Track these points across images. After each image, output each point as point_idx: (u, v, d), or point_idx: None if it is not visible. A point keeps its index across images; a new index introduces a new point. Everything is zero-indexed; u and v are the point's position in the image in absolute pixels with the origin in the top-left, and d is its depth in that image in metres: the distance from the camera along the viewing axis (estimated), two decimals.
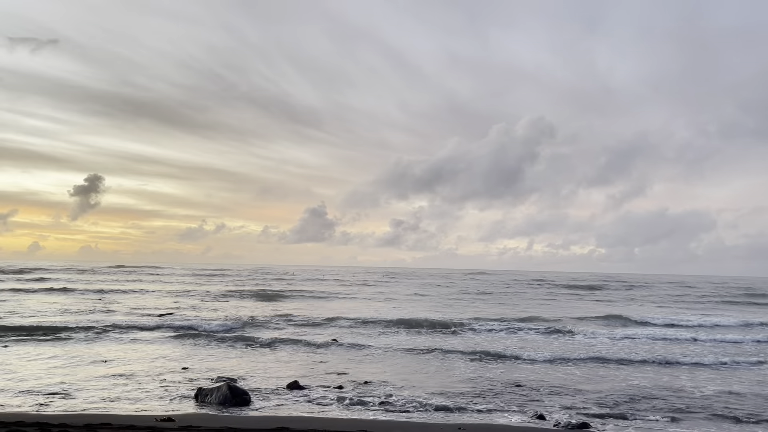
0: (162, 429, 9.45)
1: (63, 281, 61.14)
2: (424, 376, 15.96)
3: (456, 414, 12.05)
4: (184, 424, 10.02)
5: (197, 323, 26.19)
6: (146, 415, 10.93)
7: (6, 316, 28.30)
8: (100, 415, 10.82)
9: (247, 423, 10.47)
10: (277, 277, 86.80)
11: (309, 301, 42.67)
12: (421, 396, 13.43)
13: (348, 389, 14.01)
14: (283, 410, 12.00)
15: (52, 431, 9.10)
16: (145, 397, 12.75)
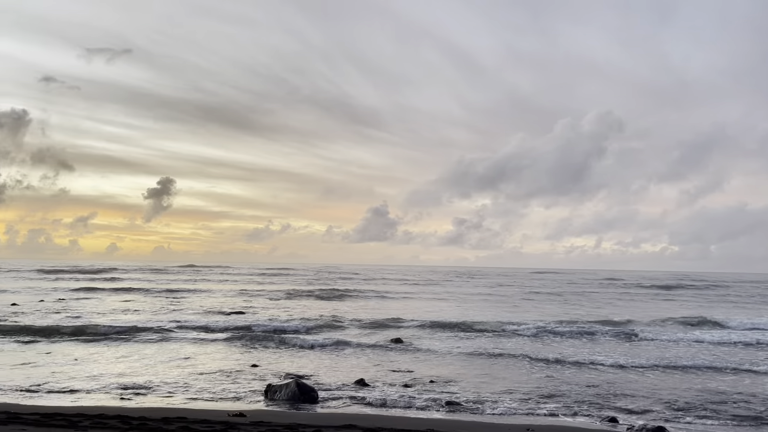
0: (234, 424, 9.72)
1: (137, 281, 63.92)
2: (490, 376, 15.77)
3: (523, 415, 11.84)
4: (255, 419, 10.27)
5: (266, 322, 26.81)
6: (219, 410, 11.28)
7: (84, 316, 29.79)
8: (176, 409, 11.25)
9: (315, 419, 10.63)
10: (342, 276, 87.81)
11: (373, 301, 42.94)
12: (487, 396, 13.28)
13: (413, 388, 14.01)
14: (350, 407, 12.13)
15: (132, 423, 9.51)
16: (217, 393, 13.16)
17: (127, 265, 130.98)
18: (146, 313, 31.12)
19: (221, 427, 9.42)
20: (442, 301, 44.40)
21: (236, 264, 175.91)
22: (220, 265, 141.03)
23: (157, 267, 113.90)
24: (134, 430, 9.09)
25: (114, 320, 26.98)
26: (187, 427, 9.39)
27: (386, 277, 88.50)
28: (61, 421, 9.57)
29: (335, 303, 40.54)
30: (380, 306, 38.65)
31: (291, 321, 27.24)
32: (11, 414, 9.97)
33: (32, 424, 9.30)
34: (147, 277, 71.88)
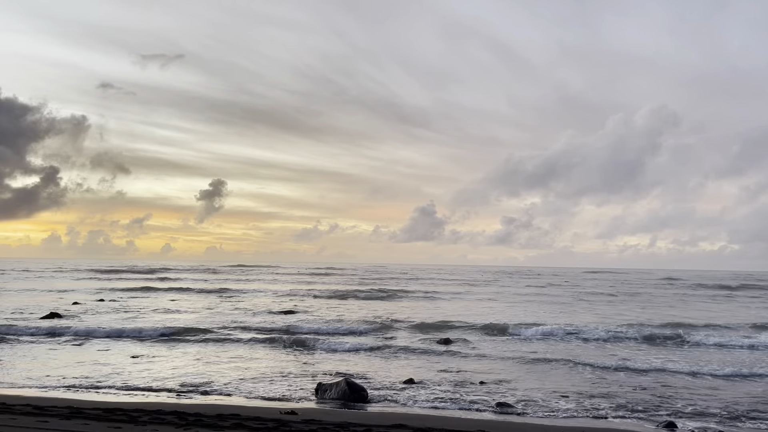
0: (286, 422, 9.85)
1: (190, 281, 65.58)
2: (540, 378, 15.52)
3: (576, 417, 11.61)
4: (306, 417, 10.38)
5: (316, 322, 27.13)
6: (271, 408, 11.46)
7: (139, 315, 30.71)
8: (230, 406, 11.49)
9: (365, 418, 10.68)
10: (390, 276, 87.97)
11: (421, 301, 42.83)
12: (539, 398, 13.07)
13: (463, 389, 13.91)
14: (400, 407, 12.14)
15: (188, 419, 9.76)
16: (269, 391, 13.38)
17: (180, 265, 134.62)
18: (198, 312, 31.91)
19: (273, 425, 9.56)
20: (491, 301, 43.94)
21: (285, 264, 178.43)
22: (270, 265, 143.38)
23: (209, 267, 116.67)
24: (190, 426, 9.32)
25: (168, 319, 27.77)
26: (241, 424, 9.57)
27: (434, 277, 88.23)
28: (121, 416, 9.90)
29: (383, 303, 40.64)
30: (429, 306, 38.54)
31: (340, 321, 27.45)
32: (74, 409, 10.38)
33: (94, 418, 9.65)
34: (199, 277, 73.70)
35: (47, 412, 10.04)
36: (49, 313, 28.34)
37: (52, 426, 8.86)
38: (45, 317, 27.34)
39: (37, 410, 10.21)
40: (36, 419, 9.40)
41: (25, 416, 9.66)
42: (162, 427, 9.23)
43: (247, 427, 9.43)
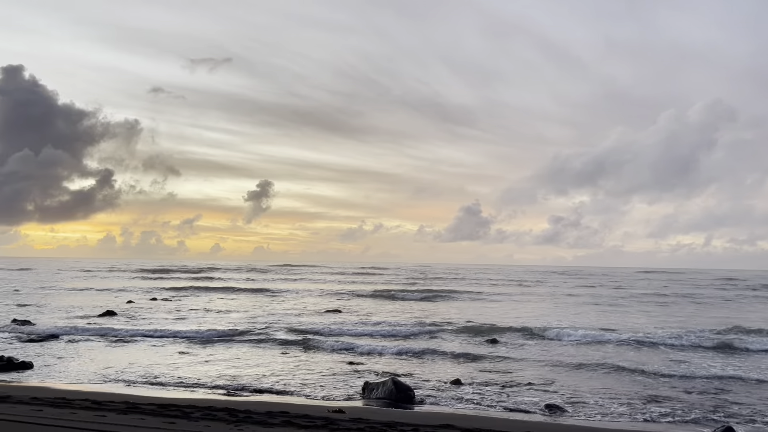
0: (334, 420, 9.93)
1: (240, 281, 66.81)
2: (593, 382, 15.21)
3: (628, 421, 11.33)
4: (353, 416, 10.45)
5: (361, 321, 27.27)
6: (319, 406, 11.59)
7: (189, 315, 31.43)
8: (279, 403, 11.67)
9: (412, 418, 10.67)
10: (435, 276, 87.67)
11: (467, 302, 42.52)
12: (589, 400, 12.82)
13: (511, 390, 13.76)
14: (447, 407, 12.09)
15: (239, 416, 9.95)
16: (317, 390, 13.53)
17: (228, 264, 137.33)
18: (246, 312, 32.49)
19: (322, 422, 9.65)
20: (539, 302, 43.31)
21: (331, 263, 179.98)
22: (315, 265, 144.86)
23: (256, 267, 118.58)
24: (240, 423, 9.50)
25: (216, 319, 28.40)
26: (290, 421, 9.70)
27: (480, 277, 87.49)
28: (174, 411, 10.17)
29: (429, 304, 40.54)
30: (475, 307, 38.25)
31: (386, 321, 27.52)
32: (130, 404, 10.72)
33: (150, 413, 9.94)
34: (246, 277, 75.03)
35: (105, 407, 10.39)
36: (105, 311, 29.41)
37: (110, 420, 9.16)
38: (101, 315, 28.39)
39: (95, 405, 10.58)
40: (95, 413, 9.74)
41: (85, 410, 10.02)
42: (214, 423, 9.43)
43: (296, 424, 9.55)
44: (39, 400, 10.88)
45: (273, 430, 9.11)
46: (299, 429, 9.27)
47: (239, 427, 9.15)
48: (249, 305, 36.41)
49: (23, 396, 11.29)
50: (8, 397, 11.05)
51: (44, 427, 8.41)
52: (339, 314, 31.10)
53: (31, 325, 23.88)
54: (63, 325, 24.20)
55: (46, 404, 10.46)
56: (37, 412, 9.57)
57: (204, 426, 9.14)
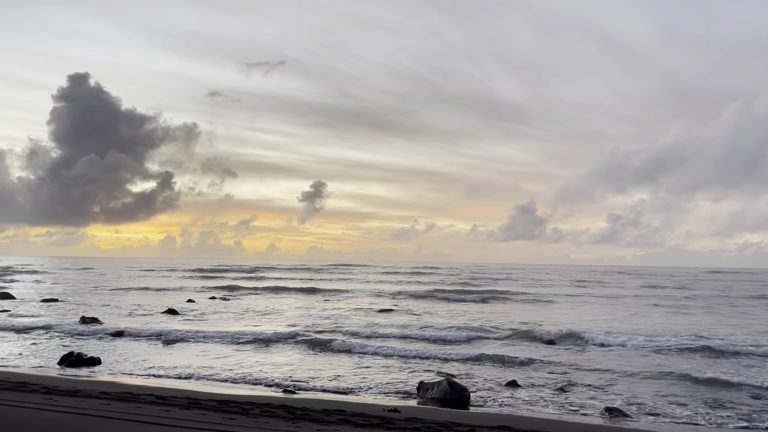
0: (390, 419, 9.96)
1: (296, 280, 67.81)
2: (654, 385, 14.74)
3: (692, 425, 10.92)
4: (409, 415, 10.45)
5: (413, 321, 27.24)
6: (374, 404, 11.64)
7: (246, 315, 32.10)
8: (335, 402, 11.80)
9: (468, 418, 10.59)
10: (489, 276, 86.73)
11: (524, 304, 41.87)
12: (650, 404, 12.43)
13: (569, 392, 13.49)
14: (503, 408, 11.94)
15: (296, 413, 10.10)
16: (372, 389, 13.60)
17: (283, 264, 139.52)
18: (300, 311, 32.96)
19: (377, 421, 9.69)
20: (598, 304, 42.22)
21: (383, 263, 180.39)
22: (368, 264, 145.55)
23: (310, 266, 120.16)
24: (298, 420, 9.65)
25: (272, 318, 28.92)
26: (346, 420, 9.79)
27: (535, 278, 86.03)
28: (234, 407, 10.41)
29: (483, 305, 40.13)
30: (531, 309, 37.65)
31: (439, 321, 27.42)
32: (192, 399, 11.03)
33: (210, 409, 10.21)
34: (301, 277, 76.12)
35: (168, 402, 10.73)
36: (167, 309, 30.47)
37: (173, 415, 9.45)
38: (163, 313, 29.45)
39: (159, 400, 10.94)
40: (159, 408, 10.07)
41: (150, 405, 10.38)
42: (272, 420, 9.61)
43: (352, 422, 9.62)
44: (107, 394, 11.33)
45: (329, 427, 9.20)
46: (355, 427, 9.34)
47: (297, 424, 9.29)
48: (303, 305, 36.93)
49: (92, 390, 11.78)
50: (78, 391, 11.56)
51: (113, 420, 8.74)
52: (392, 313, 31.18)
53: (98, 322, 24.90)
54: (128, 323, 25.19)
55: (114, 398, 10.89)
56: (106, 406, 9.96)
57: (263, 422, 9.32)
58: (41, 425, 8.02)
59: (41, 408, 9.47)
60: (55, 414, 8.96)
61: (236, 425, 8.89)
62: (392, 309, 33.61)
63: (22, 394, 11.10)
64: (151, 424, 8.61)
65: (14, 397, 10.63)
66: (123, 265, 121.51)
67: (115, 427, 8.20)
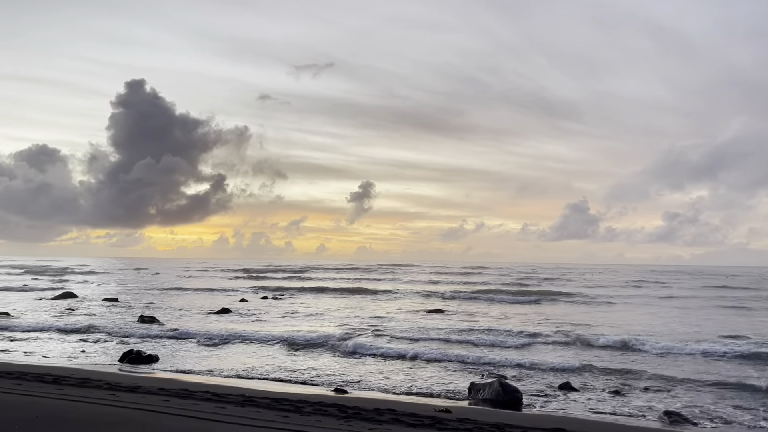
0: (441, 419, 9.94)
1: (342, 280, 68.30)
2: (715, 390, 14.20)
3: (757, 429, 10.50)
4: (460, 416, 10.40)
5: (464, 322, 27.06)
6: (426, 404, 11.63)
7: (295, 314, 32.49)
8: (386, 401, 11.84)
9: (521, 420, 10.46)
10: (541, 276, 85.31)
11: (578, 306, 40.99)
12: (710, 408, 12.01)
13: (625, 395, 13.16)
14: (556, 410, 11.74)
15: (348, 412, 10.20)
16: (423, 388, 13.59)
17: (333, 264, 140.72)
18: (351, 311, 33.19)
19: (429, 422, 9.68)
20: (657, 306, 40.95)
21: (432, 263, 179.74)
22: (416, 264, 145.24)
23: (359, 266, 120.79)
24: (350, 418, 9.73)
25: (324, 318, 29.23)
26: (397, 419, 9.81)
27: (589, 278, 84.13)
28: (287, 405, 10.58)
29: (536, 306, 39.52)
30: (585, 310, 36.85)
31: (490, 323, 27.16)
32: (246, 397, 11.27)
33: (264, 407, 10.41)
34: (350, 276, 76.62)
35: (223, 399, 11.00)
36: (221, 309, 31.25)
37: (229, 412, 9.68)
38: (218, 312, 30.23)
39: (215, 397, 11.22)
40: (215, 405, 10.33)
41: (206, 402, 10.66)
42: (324, 418, 9.72)
43: (404, 422, 9.64)
44: (165, 391, 11.69)
45: (381, 427, 9.25)
46: (407, 427, 9.36)
47: (348, 423, 9.37)
48: (352, 305, 37.17)
49: (151, 387, 12.18)
50: (138, 388, 11.96)
51: (172, 416, 9.01)
52: (441, 315, 31.06)
53: (156, 321, 25.69)
54: (183, 322, 25.94)
55: (172, 395, 11.23)
56: (165, 402, 10.28)
57: (315, 420, 9.44)
58: (105, 420, 8.35)
59: (105, 403, 9.86)
60: (118, 409, 9.31)
61: (290, 423, 9.04)
62: (441, 310, 33.47)
63: (86, 389, 11.57)
64: (208, 420, 8.84)
65: (79, 392, 11.09)
66: (178, 266, 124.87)
67: (173, 423, 8.45)
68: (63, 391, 11.20)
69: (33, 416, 8.17)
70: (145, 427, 8.09)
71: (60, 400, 9.94)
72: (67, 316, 27.81)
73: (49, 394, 10.70)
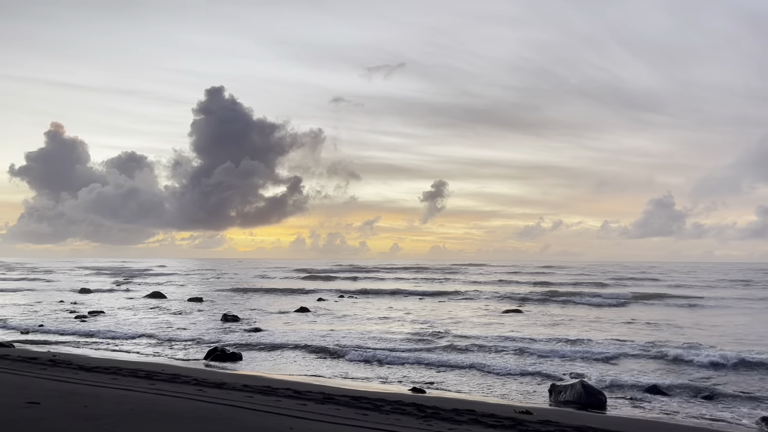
0: (522, 421, 9.75)
1: (417, 281, 68.30)
2: None
3: None
4: (541, 418, 10.18)
5: (543, 324, 26.44)
6: (506, 405, 11.46)
7: (368, 313, 32.73)
8: (465, 401, 11.75)
9: (605, 423, 10.11)
10: (626, 276, 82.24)
11: (667, 308, 39.10)
12: None
13: (717, 401, 12.47)
14: (642, 414, 11.28)
15: (427, 411, 10.19)
16: (502, 390, 13.40)
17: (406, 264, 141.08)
18: (424, 312, 33.18)
19: (509, 423, 9.53)
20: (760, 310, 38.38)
21: (508, 262, 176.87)
22: (491, 264, 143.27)
23: (433, 266, 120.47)
24: (429, 418, 9.72)
25: (399, 319, 29.36)
26: (477, 420, 9.71)
27: (676, 278, 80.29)
28: (366, 403, 10.69)
29: (620, 310, 38.08)
30: (675, 312, 35.20)
31: (570, 321, 26.43)
32: (326, 395, 11.47)
33: (344, 404, 10.55)
34: (424, 277, 76.55)
35: (305, 396, 11.24)
36: (299, 308, 32.11)
37: (310, 409, 9.88)
38: (296, 311, 31.06)
39: (296, 394, 11.48)
40: (296, 402, 10.57)
41: (288, 399, 10.92)
42: (403, 417, 9.75)
43: (483, 423, 9.53)
44: (249, 387, 12.07)
45: (461, 427, 9.18)
46: (487, 428, 9.24)
47: (428, 422, 9.36)
48: (425, 306, 37.14)
49: (236, 383, 12.61)
50: (224, 384, 12.41)
51: (256, 412, 9.30)
52: (519, 316, 30.54)
53: (238, 320, 26.60)
54: (264, 320, 26.76)
55: (256, 391, 11.58)
56: (249, 399, 10.62)
57: (395, 419, 9.49)
58: (195, 414, 8.71)
59: (193, 398, 10.29)
60: (205, 404, 9.69)
61: (369, 421, 9.12)
62: (519, 310, 32.90)
63: (176, 385, 12.12)
64: (290, 417, 9.05)
65: (170, 387, 11.63)
66: (258, 266, 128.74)
67: (258, 419, 8.71)
68: (155, 385, 11.78)
69: (129, 409, 8.63)
70: (230, 421, 8.37)
71: (152, 395, 10.45)
72: (155, 315, 29.25)
73: (143, 388, 11.28)
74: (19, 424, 7.20)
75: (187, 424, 7.94)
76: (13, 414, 7.80)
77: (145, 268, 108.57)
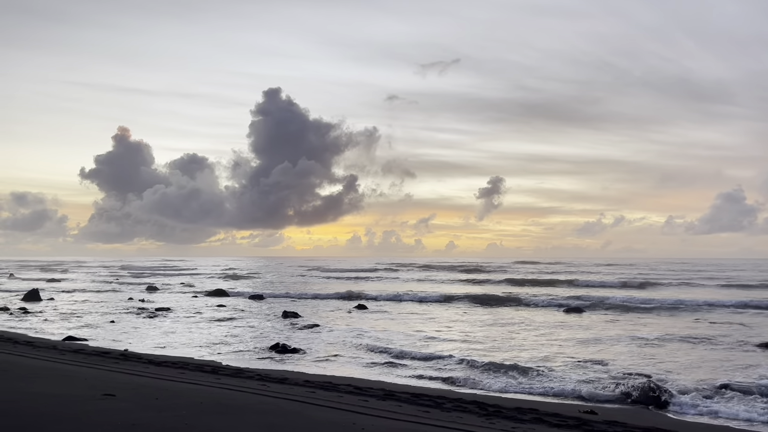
0: (587, 421, 9.55)
1: (470, 284, 67.68)
2: None
3: None
4: (607, 418, 9.93)
5: (609, 323, 25.75)
6: (570, 405, 11.24)
7: (431, 313, 32.64)
8: (528, 400, 11.60)
9: (674, 425, 9.79)
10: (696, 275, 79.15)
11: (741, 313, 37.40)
12: None
13: None
14: (711, 417, 10.83)
15: (488, 410, 10.11)
16: (564, 390, 13.12)
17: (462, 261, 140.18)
18: (479, 317, 32.83)
19: (574, 422, 9.34)
20: None
21: (568, 260, 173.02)
22: (552, 262, 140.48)
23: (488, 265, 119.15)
24: (491, 416, 9.64)
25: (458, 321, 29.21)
26: (540, 419, 9.57)
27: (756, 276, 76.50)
28: (427, 401, 10.72)
29: (696, 316, 36.61)
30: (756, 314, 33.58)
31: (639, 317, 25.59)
32: (387, 391, 11.54)
33: (405, 401, 10.60)
34: (476, 278, 75.84)
35: (366, 393, 11.34)
36: (357, 305, 32.45)
37: (372, 405, 9.96)
38: (355, 308, 31.47)
39: (357, 390, 11.60)
40: (358, 398, 10.68)
41: (349, 395, 11.06)
42: (465, 414, 9.71)
43: (547, 422, 9.38)
44: (311, 383, 12.27)
45: (524, 426, 9.07)
46: (550, 427, 9.10)
47: (490, 421, 9.29)
48: (478, 311, 36.83)
49: (298, 379, 12.85)
50: (286, 379, 12.67)
51: (319, 407, 9.44)
52: (580, 313, 29.87)
53: (298, 316, 27.07)
54: (323, 317, 27.18)
55: (317, 387, 11.77)
56: (311, 394, 10.80)
57: (456, 417, 9.45)
58: (260, 408, 8.92)
59: (257, 393, 10.55)
60: (269, 398, 9.91)
61: (431, 418, 9.12)
62: (580, 308, 32.20)
63: (240, 379, 12.45)
64: (352, 412, 9.15)
65: (234, 382, 11.96)
66: (315, 264, 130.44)
67: (320, 414, 8.84)
68: (220, 380, 12.14)
69: (198, 402, 8.92)
70: (295, 416, 8.53)
71: (218, 388, 10.77)
72: (219, 312, 30.09)
73: (209, 382, 11.64)
74: (96, 415, 7.55)
75: (253, 417, 8.14)
76: (92, 405, 8.19)
77: (207, 265, 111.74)
